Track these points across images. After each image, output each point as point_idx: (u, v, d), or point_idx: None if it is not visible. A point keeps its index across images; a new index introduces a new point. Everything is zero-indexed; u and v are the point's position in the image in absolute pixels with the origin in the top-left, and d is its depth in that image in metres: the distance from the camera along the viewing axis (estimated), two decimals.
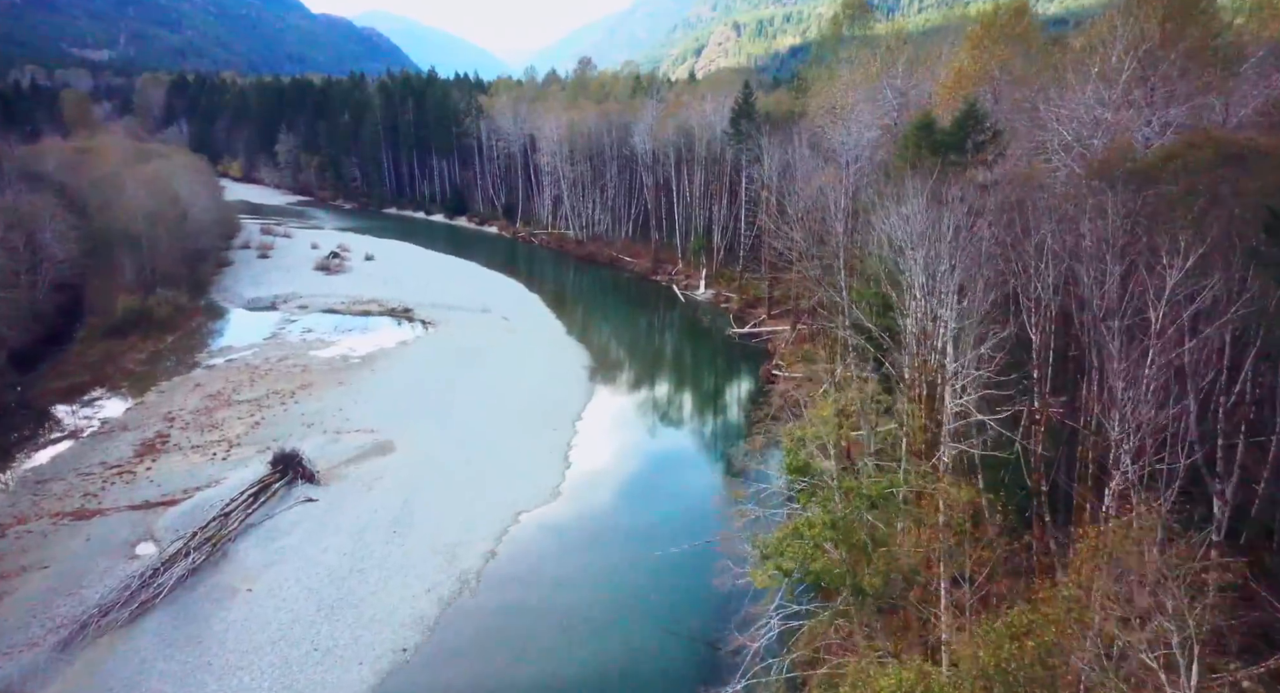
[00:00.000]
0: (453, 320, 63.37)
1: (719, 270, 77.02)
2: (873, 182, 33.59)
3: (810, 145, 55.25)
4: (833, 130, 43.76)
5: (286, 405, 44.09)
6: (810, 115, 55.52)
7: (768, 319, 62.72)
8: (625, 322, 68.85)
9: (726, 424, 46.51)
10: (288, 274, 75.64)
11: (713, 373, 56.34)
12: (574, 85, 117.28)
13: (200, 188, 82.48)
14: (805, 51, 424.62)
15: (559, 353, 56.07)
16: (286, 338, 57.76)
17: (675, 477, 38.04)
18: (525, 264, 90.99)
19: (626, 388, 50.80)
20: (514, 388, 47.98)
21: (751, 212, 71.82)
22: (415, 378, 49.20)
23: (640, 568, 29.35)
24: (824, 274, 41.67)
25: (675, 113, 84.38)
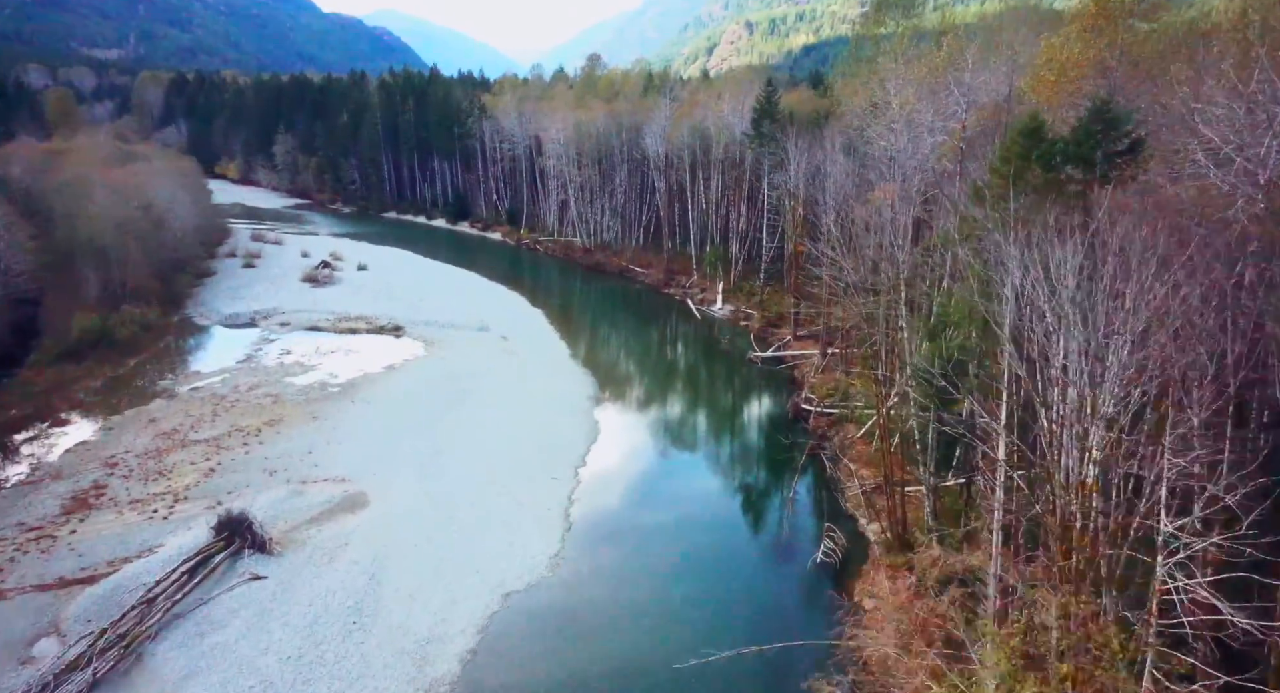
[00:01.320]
0: (447, 340, 57.82)
1: (737, 283, 71.20)
2: (945, 199, 27.78)
3: (845, 150, 49.42)
4: (879, 133, 37.88)
5: (249, 446, 38.58)
6: (845, 116, 49.66)
7: (793, 341, 56.88)
8: (635, 342, 63.10)
9: (753, 473, 40.63)
10: (272, 286, 70.30)
11: (733, 405, 50.44)
12: (582, 83, 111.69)
13: (183, 192, 77.34)
14: (819, 50, 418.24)
15: (562, 380, 50.41)
16: (262, 361, 52.31)
17: (696, 544, 32.20)
18: (529, 274, 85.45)
19: (636, 424, 45.02)
20: (509, 424, 42.35)
21: (773, 221, 66.02)
22: (399, 411, 43.64)
23: (658, 682, 23.58)
24: (866, 303, 35.84)
25: (690, 113, 78.64)
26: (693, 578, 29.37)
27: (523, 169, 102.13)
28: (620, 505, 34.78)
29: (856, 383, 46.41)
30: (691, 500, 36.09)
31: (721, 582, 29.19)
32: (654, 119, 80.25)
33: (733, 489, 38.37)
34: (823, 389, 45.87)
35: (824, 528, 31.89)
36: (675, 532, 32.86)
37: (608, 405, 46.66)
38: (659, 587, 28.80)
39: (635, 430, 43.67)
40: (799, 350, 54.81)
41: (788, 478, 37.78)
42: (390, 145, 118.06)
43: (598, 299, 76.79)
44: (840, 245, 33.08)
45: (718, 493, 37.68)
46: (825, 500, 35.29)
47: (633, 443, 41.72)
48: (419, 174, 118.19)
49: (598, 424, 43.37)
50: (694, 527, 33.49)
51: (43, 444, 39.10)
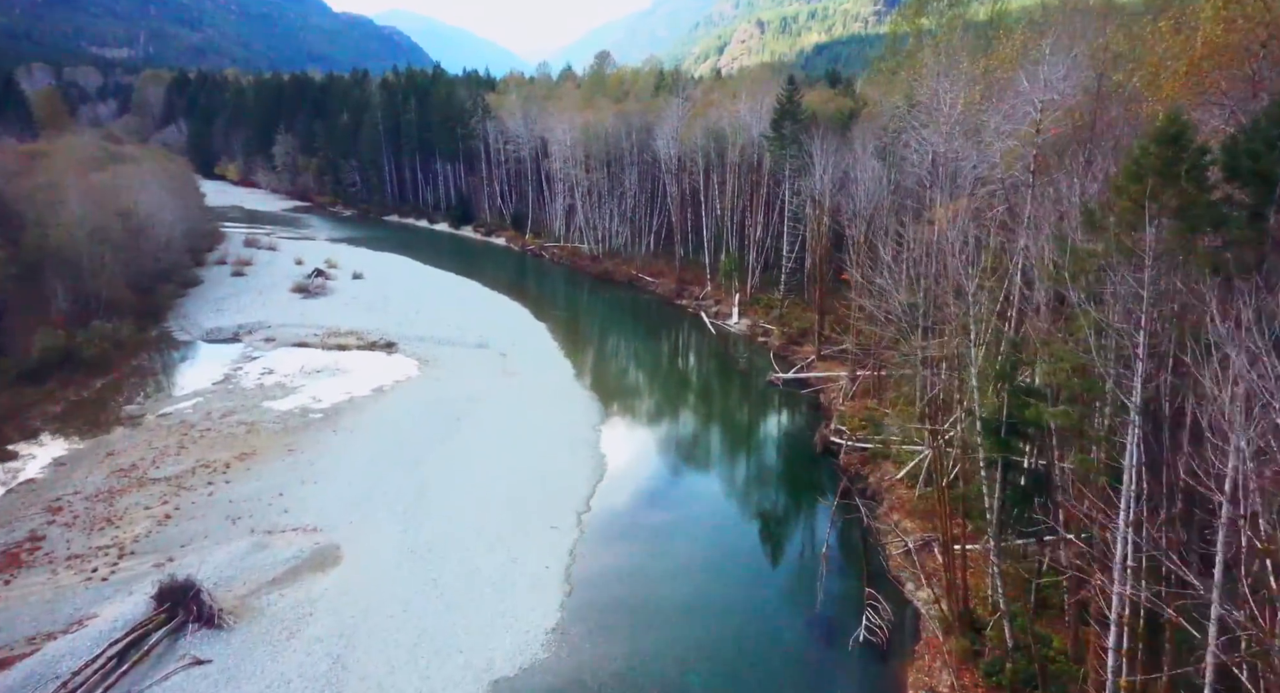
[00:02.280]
0: (442, 359, 53.61)
1: (753, 295, 66.77)
2: (1013, 216, 23.26)
3: (878, 154, 44.96)
4: (926, 136, 33.36)
5: (214, 486, 34.41)
6: (878, 117, 45.23)
7: (817, 361, 52.36)
8: (644, 361, 58.66)
9: (778, 521, 36.04)
10: (261, 297, 66.25)
11: (753, 437, 45.90)
12: (590, 82, 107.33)
13: (171, 195, 73.41)
14: (831, 49, 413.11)
15: (565, 405, 46.09)
16: (241, 382, 48.20)
17: (715, 613, 27.75)
18: (534, 283, 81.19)
19: (645, 459, 40.54)
20: (505, 459, 38.07)
21: (794, 229, 61.54)
22: (384, 443, 39.43)
23: None
24: (894, 337, 31.33)
25: (704, 113, 74.21)
26: (713, 662, 24.94)
27: (528, 172, 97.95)
28: (629, 564, 30.39)
29: (890, 413, 41.96)
30: (708, 557, 31.62)
31: (747, 668, 24.74)
32: (666, 119, 75.95)
33: (755, 541, 33.87)
34: (853, 420, 41.37)
35: (864, 593, 27.49)
36: (691, 597, 28.43)
37: (614, 437, 42.29)
38: (673, 672, 24.40)
39: (645, 467, 39.23)
40: (824, 372, 50.30)
41: (818, 527, 33.39)
42: (392, 146, 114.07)
43: (605, 311, 72.42)
44: (892, 272, 28.47)
45: (738, 547, 33.17)
46: (863, 556, 30.84)
47: (642, 483, 37.31)
48: (421, 176, 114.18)
49: (604, 460, 39.01)
50: (712, 592, 29.02)
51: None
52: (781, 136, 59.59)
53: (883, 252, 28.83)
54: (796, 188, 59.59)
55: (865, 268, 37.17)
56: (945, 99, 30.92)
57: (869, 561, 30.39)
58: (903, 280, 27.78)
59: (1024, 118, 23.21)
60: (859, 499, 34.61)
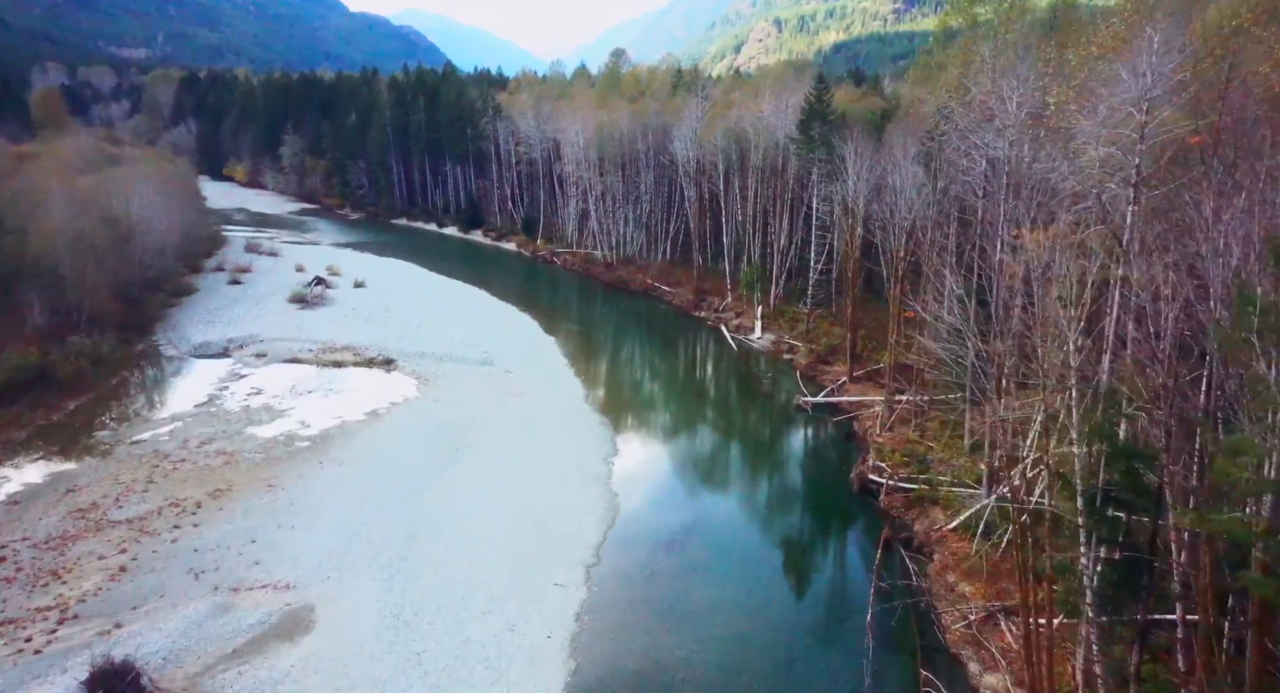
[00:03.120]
0: (444, 377, 49.88)
1: (777, 308, 62.64)
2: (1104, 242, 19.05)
3: (922, 159, 40.76)
4: (985, 140, 29.14)
5: (179, 531, 30.76)
6: (919, 118, 41.06)
7: (849, 383, 48.16)
8: (661, 380, 54.57)
9: (813, 576, 31.86)
10: (256, 307, 62.81)
11: (781, 472, 41.59)
12: (605, 81, 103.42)
13: (167, 199, 70.15)
14: (850, 48, 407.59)
15: (574, 432, 42.20)
16: (225, 404, 44.62)
17: (746, 691, 23.76)
18: (544, 292, 77.40)
19: (661, 499, 36.50)
20: (506, 498, 34.24)
21: (821, 236, 57.35)
22: (374, 477, 35.67)
23: None
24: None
25: (725, 114, 70.10)
26: None
27: (540, 174, 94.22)
28: (644, 631, 26.38)
29: (935, 446, 37.76)
30: (734, 623, 27.47)
31: None
32: (684, 120, 71.94)
33: (788, 604, 29.66)
34: (894, 454, 37.16)
35: (919, 677, 23.40)
36: (717, 674, 24.38)
37: (628, 470, 38.30)
38: None
39: (661, 509, 35.18)
40: (857, 396, 46.09)
41: (858, 585, 29.25)
42: (400, 148, 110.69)
43: (619, 323, 68.46)
44: (961, 307, 24.15)
45: (767, 611, 28.93)
46: (914, 626, 26.64)
47: (658, 528, 33.25)
48: (430, 179, 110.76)
49: (616, 499, 35.06)
50: (740, 668, 24.95)
51: None
52: (809, 139, 55.45)
53: (951, 281, 24.56)
54: (825, 194, 55.39)
55: (930, 299, 32.89)
56: (1011, 98, 26.71)
57: (922, 631, 26.21)
58: (970, 315, 23.51)
59: (1124, 119, 19.07)
60: (905, 552, 30.51)
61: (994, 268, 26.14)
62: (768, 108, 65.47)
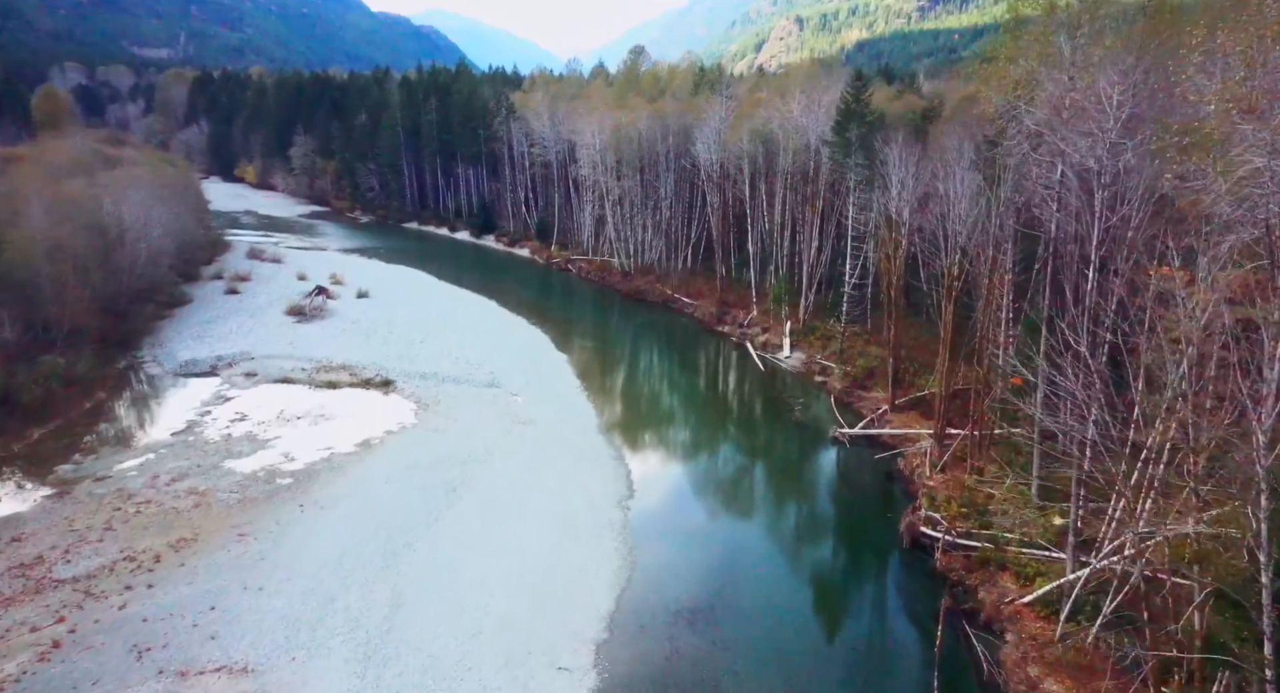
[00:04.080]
0: (445, 401, 45.81)
1: (807, 324, 58.03)
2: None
3: (978, 165, 36.10)
4: (1075, 145, 24.47)
5: (131, 593, 26.79)
6: (984, 118, 36.41)
7: (890, 412, 43.50)
8: (681, 406, 50.04)
9: (865, 654, 27.24)
10: (251, 320, 59.10)
11: (820, 520, 36.83)
12: (623, 79, 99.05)
13: (162, 203, 66.66)
14: (873, 46, 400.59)
15: (586, 469, 37.92)
16: (204, 432, 40.76)
17: None
18: (558, 303, 73.21)
19: (683, 554, 31.97)
20: (506, 552, 30.04)
21: (857, 248, 52.71)
22: (358, 526, 31.56)
23: None
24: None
25: (751, 114, 65.53)
26: None
27: (555, 177, 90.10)
28: None
29: (996, 492, 33.10)
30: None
31: None
32: (707, 121, 67.44)
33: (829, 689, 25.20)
34: (950, 502, 32.51)
35: None
36: None
37: (645, 516, 33.97)
38: None
39: (682, 566, 30.70)
40: (901, 429, 41.44)
41: (917, 668, 24.69)
42: (411, 149, 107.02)
43: (636, 339, 64.08)
44: (1092, 374, 19.29)
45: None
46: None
47: (679, 591, 28.80)
48: (442, 181, 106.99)
49: (631, 554, 30.74)
50: None
51: None
52: (845, 141, 50.82)
53: (1070, 337, 19.77)
54: (862, 202, 50.78)
55: (984, 319, 28.31)
56: (1112, 97, 22.09)
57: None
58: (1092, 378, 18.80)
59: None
60: (970, 629, 25.92)
61: (1119, 311, 21.41)
62: (797, 108, 60.90)
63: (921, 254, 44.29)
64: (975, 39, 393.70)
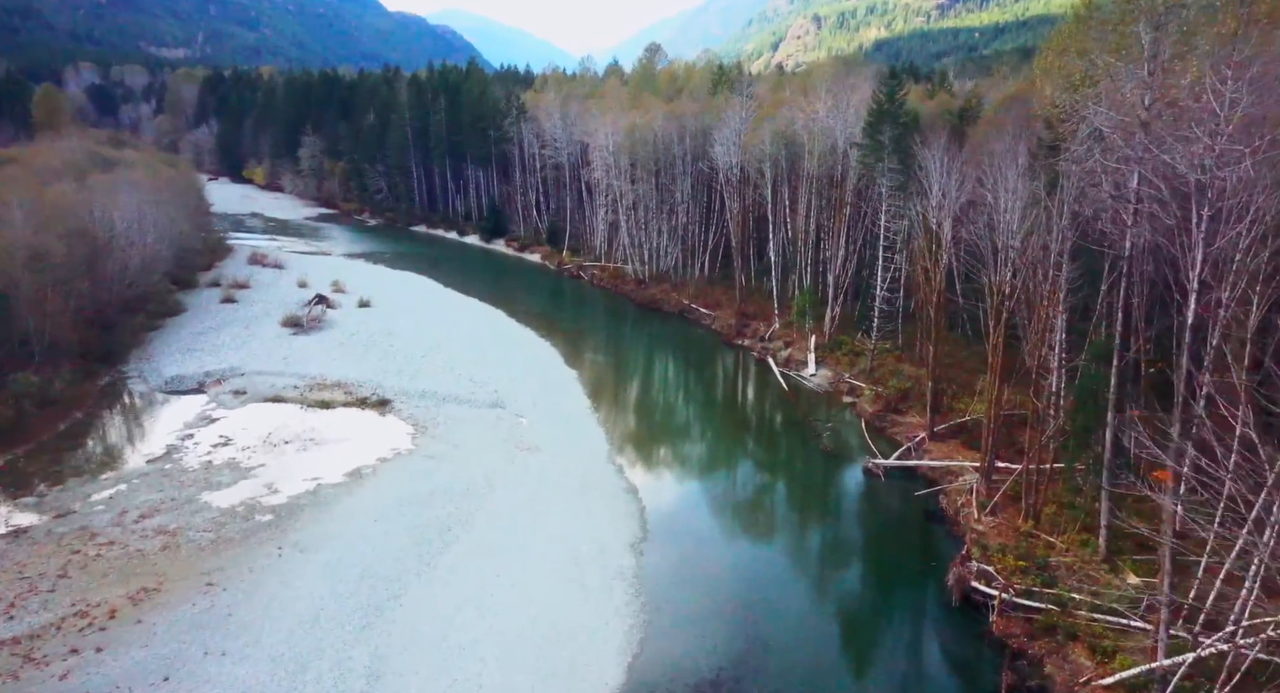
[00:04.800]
0: (444, 423, 42.54)
1: (833, 338, 54.34)
2: None
3: (1034, 173, 32.41)
4: (1179, 153, 20.80)
5: (78, 658, 23.63)
6: (1055, 120, 32.75)
7: (928, 440, 39.76)
8: (699, 430, 46.45)
9: None
10: (245, 332, 56.10)
11: (856, 568, 32.88)
12: (638, 78, 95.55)
13: (157, 208, 63.88)
14: (891, 45, 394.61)
15: (595, 506, 34.48)
16: (184, 459, 37.67)
17: None
18: (569, 312, 69.85)
19: (704, 609, 28.36)
20: (504, 610, 26.64)
21: (889, 257, 49.01)
22: (340, 575, 28.28)
23: None
24: None
25: (774, 114, 61.90)
26: None
27: (566, 180, 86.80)
28: None
29: (1057, 541, 29.37)
30: None
31: None
32: (726, 121, 63.86)
33: None
34: (1004, 553, 28.81)
35: None
36: None
37: (660, 562, 30.48)
38: None
39: (702, 628, 27.06)
40: (942, 461, 37.70)
41: None
42: (420, 150, 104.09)
43: (651, 353, 60.61)
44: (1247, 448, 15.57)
45: None
46: None
47: (698, 661, 25.19)
48: (451, 183, 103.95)
49: (643, 610, 27.27)
50: None
51: None
52: (878, 144, 47.11)
53: (1225, 408, 15.99)
54: (896, 209, 47.07)
55: (1036, 343, 24.63)
56: (1224, 95, 18.40)
57: None
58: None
59: None
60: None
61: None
62: (823, 108, 57.26)
63: (962, 265, 40.60)
64: (996, 37, 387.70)
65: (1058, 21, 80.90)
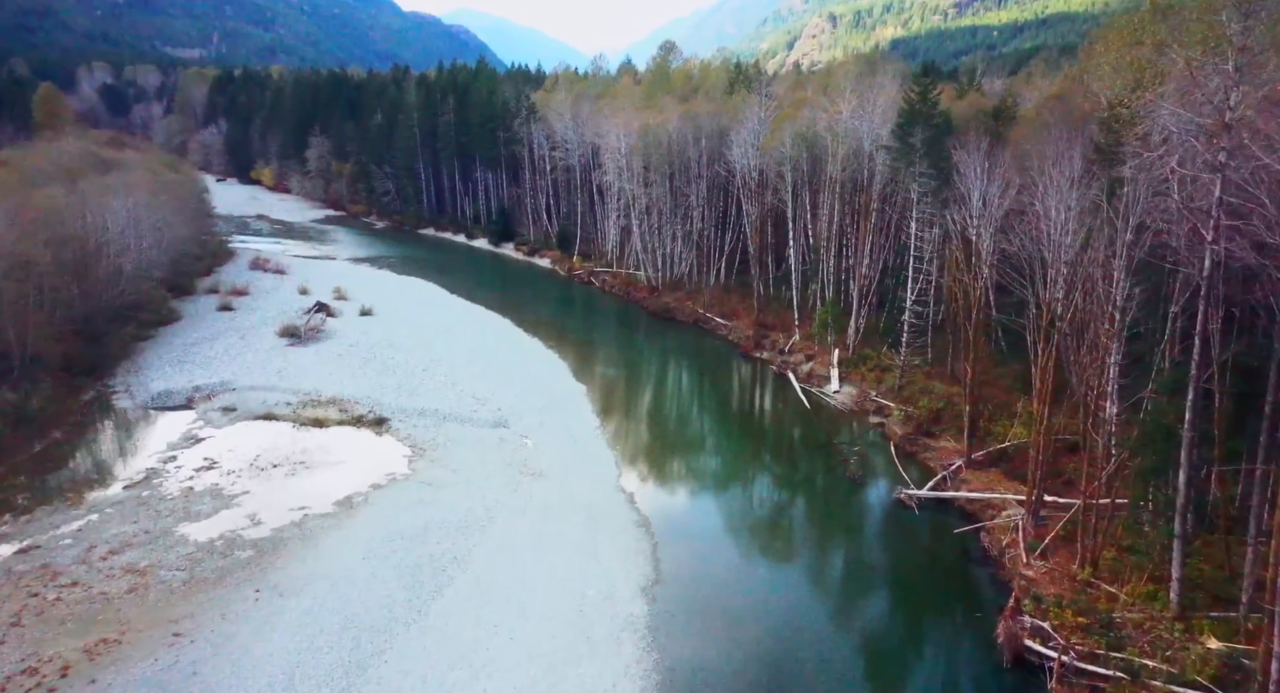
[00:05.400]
0: (444, 445, 39.87)
1: (857, 351, 51.30)
2: None
3: (1089, 180, 29.35)
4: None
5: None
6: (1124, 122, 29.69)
7: (966, 468, 36.67)
8: (716, 452, 43.41)
9: None
10: (240, 343, 53.64)
11: (892, 617, 29.65)
12: (652, 77, 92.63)
13: (154, 212, 61.63)
14: (908, 44, 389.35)
15: (604, 543, 31.63)
16: (164, 484, 35.16)
17: None
18: (579, 321, 67.07)
19: (719, 666, 25.44)
20: (499, 672, 23.84)
21: (921, 271, 45.92)
22: (321, 624, 25.58)
23: None
24: None
25: (795, 115, 58.85)
26: None
27: (577, 183, 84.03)
28: None
29: (1123, 596, 26.24)
30: None
31: None
32: (744, 122, 60.93)
33: None
34: (1060, 607, 25.73)
35: None
36: None
37: (674, 610, 27.54)
38: None
39: (719, 687, 24.22)
40: (981, 492, 34.60)
41: None
42: (428, 151, 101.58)
43: (663, 365, 57.73)
44: None
45: None
46: None
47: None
48: (460, 185, 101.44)
49: (658, 667, 24.39)
50: None
51: None
52: (909, 147, 44.02)
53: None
54: (927, 216, 43.99)
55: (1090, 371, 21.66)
56: None
57: None
58: None
59: None
60: None
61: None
62: (847, 108, 54.22)
63: (999, 276, 37.52)
64: (1015, 36, 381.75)
65: (1078, 19, 77.70)
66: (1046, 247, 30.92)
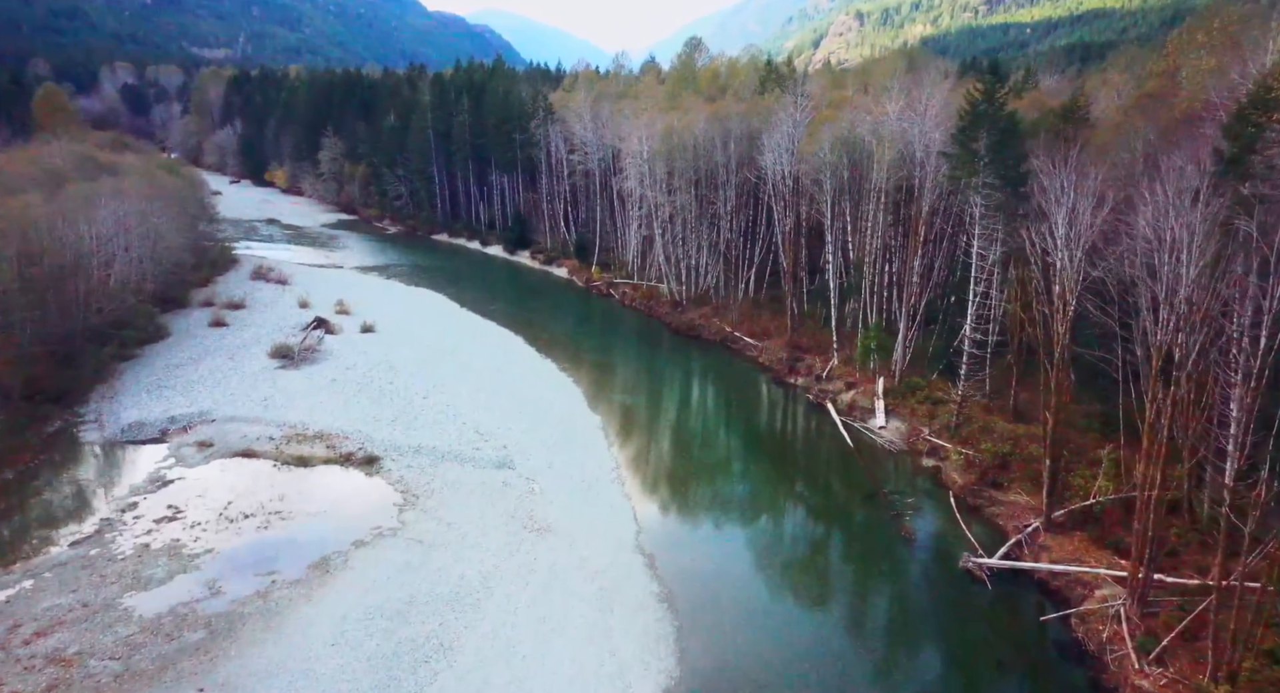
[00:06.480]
0: (440, 492, 35.15)
1: (904, 380, 45.90)
2: None
3: (1217, 200, 24.00)
4: None
5: None
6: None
7: (1045, 531, 31.24)
8: (745, 500, 37.96)
9: None
10: (228, 364, 49.32)
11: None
12: (677, 75, 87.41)
13: (146, 220, 57.62)
14: (938, 42, 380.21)
15: (618, 628, 26.62)
16: (118, 540, 30.76)
17: None
18: (596, 339, 62.10)
19: None
20: None
21: (984, 300, 40.46)
22: None
23: None
24: None
25: (833, 117, 53.49)
26: None
27: (596, 188, 79.16)
28: None
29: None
30: None
31: None
32: (777, 124, 55.71)
33: None
34: None
35: None
36: None
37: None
38: None
39: None
40: (1070, 563, 29.16)
41: None
42: (443, 153, 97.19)
43: (687, 392, 52.58)
44: None
45: None
46: None
47: None
48: (475, 190, 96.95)
49: None
50: None
51: None
52: (972, 154, 38.55)
53: None
54: (991, 231, 38.54)
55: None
56: None
57: None
58: None
59: None
60: None
61: None
62: (894, 109, 48.88)
63: (1083, 305, 32.08)
64: (1049, 33, 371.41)
65: (1114, 16, 71.20)
66: (1155, 276, 25.48)
